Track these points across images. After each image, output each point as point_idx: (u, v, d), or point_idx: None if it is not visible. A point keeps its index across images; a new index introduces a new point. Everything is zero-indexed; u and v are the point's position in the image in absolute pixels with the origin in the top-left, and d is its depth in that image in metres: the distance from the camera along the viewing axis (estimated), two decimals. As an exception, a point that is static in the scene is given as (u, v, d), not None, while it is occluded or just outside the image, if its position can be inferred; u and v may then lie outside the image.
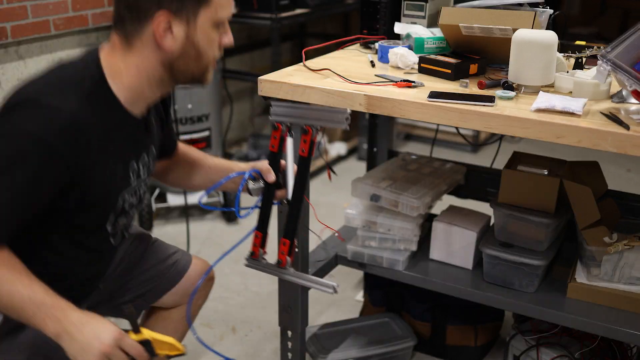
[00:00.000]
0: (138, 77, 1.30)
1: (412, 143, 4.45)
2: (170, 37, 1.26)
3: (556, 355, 1.97)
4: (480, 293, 1.92)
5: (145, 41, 1.27)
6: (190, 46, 1.29)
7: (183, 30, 1.26)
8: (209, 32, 1.29)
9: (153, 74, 1.31)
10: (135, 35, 1.27)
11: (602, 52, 1.44)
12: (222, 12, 1.30)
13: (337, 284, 1.52)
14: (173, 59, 1.29)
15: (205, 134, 3.33)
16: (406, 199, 2.01)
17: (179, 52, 1.28)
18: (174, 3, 1.23)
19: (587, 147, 1.42)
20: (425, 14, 1.97)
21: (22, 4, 2.87)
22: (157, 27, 1.24)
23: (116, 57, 1.30)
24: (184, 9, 1.24)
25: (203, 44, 1.30)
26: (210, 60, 1.34)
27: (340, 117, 1.46)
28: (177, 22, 1.25)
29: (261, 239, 1.64)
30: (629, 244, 1.77)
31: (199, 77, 1.36)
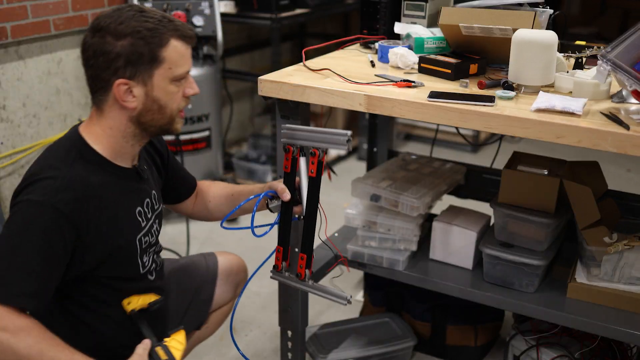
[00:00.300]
0: (113, 136, 1.45)
1: (412, 143, 4.45)
2: (131, 97, 1.40)
3: (556, 355, 1.97)
4: (480, 293, 1.92)
5: (112, 105, 1.42)
6: (152, 102, 1.42)
7: (142, 90, 1.40)
8: (167, 88, 1.42)
9: (125, 130, 1.45)
10: (103, 102, 1.42)
11: (602, 52, 1.44)
12: (177, 70, 1.42)
13: (350, 296, 1.63)
14: (138, 115, 1.43)
15: (206, 134, 3.33)
16: (406, 199, 2.01)
17: (141, 108, 1.42)
18: (128, 70, 1.37)
19: (587, 147, 1.42)
20: (425, 14, 1.97)
21: (22, 4, 2.87)
22: (117, 92, 1.39)
23: (93, 125, 1.45)
24: (138, 73, 1.38)
25: (163, 98, 1.43)
26: (173, 111, 1.46)
27: (342, 139, 1.57)
28: (135, 84, 1.39)
29: (282, 252, 1.74)
30: (629, 244, 1.77)
31: (166, 127, 1.48)
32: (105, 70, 1.37)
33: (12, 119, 2.99)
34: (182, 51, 1.42)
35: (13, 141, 3.01)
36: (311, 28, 4.80)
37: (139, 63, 1.37)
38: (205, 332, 1.94)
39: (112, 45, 1.36)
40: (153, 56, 1.37)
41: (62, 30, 3.08)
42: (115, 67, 1.37)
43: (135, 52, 1.36)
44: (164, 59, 1.39)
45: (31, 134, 3.08)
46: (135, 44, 1.36)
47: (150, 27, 1.37)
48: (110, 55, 1.36)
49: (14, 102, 2.98)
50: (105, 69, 1.37)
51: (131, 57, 1.36)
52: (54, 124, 3.18)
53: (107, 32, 1.36)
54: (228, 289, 1.91)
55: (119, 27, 1.36)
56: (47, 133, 3.16)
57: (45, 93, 3.11)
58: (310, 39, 4.69)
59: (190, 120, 3.26)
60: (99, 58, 1.37)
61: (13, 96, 2.97)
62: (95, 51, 1.37)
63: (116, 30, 1.36)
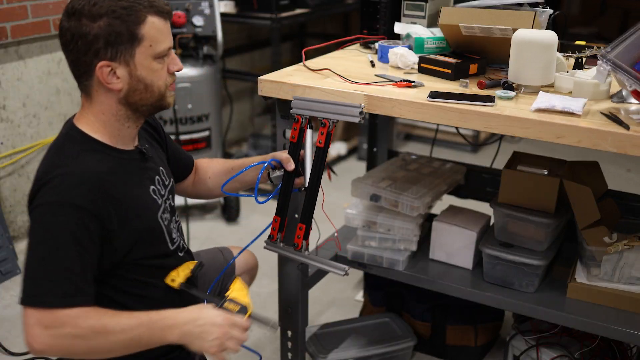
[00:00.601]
0: (108, 121, 1.43)
1: (412, 143, 4.46)
2: (115, 79, 1.38)
3: (556, 355, 1.97)
4: (480, 293, 1.92)
5: (97, 89, 1.40)
6: (137, 82, 1.40)
7: (125, 70, 1.38)
8: (150, 65, 1.40)
9: (117, 113, 1.43)
10: (90, 87, 1.41)
11: (602, 52, 1.44)
12: (158, 46, 1.39)
13: (348, 267, 1.65)
14: (126, 96, 1.41)
15: (205, 134, 3.33)
16: (406, 199, 2.01)
17: (127, 89, 1.40)
18: (109, 51, 1.35)
19: (587, 147, 1.42)
20: (425, 14, 1.97)
21: (22, 4, 2.87)
22: (101, 75, 1.37)
23: (86, 114, 1.44)
24: (119, 53, 1.36)
25: (148, 77, 1.40)
26: (161, 88, 1.44)
27: (355, 111, 1.58)
28: (117, 65, 1.37)
29: (279, 223, 1.75)
30: (628, 244, 1.77)
31: (158, 104, 1.46)
32: (85, 53, 1.35)
33: (12, 119, 2.99)
34: (160, 27, 1.39)
35: (13, 141, 3.01)
36: (311, 28, 4.80)
37: (118, 43, 1.34)
38: None
39: (89, 27, 1.33)
40: (132, 35, 1.35)
41: (62, 30, 3.08)
42: (95, 49, 1.34)
43: (113, 32, 1.33)
44: (143, 37, 1.36)
45: (31, 134, 3.08)
46: (112, 23, 1.33)
47: (125, 5, 1.34)
48: (88, 38, 1.33)
49: (14, 102, 2.98)
50: (85, 52, 1.35)
51: (109, 38, 1.34)
52: (54, 123, 3.18)
53: (82, 15, 1.33)
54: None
55: (94, 9, 1.33)
56: (47, 133, 3.16)
57: (45, 93, 3.11)
58: (310, 39, 4.69)
59: (190, 120, 3.26)
60: (78, 42, 1.35)
61: (13, 96, 2.97)
62: (73, 35, 1.34)
63: (91, 12, 1.33)
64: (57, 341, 1.28)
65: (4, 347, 2.37)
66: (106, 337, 1.30)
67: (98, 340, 1.30)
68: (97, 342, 1.30)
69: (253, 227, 3.32)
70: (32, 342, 1.28)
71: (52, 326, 1.28)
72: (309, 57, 1.91)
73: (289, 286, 1.99)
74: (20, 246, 3.08)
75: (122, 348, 1.33)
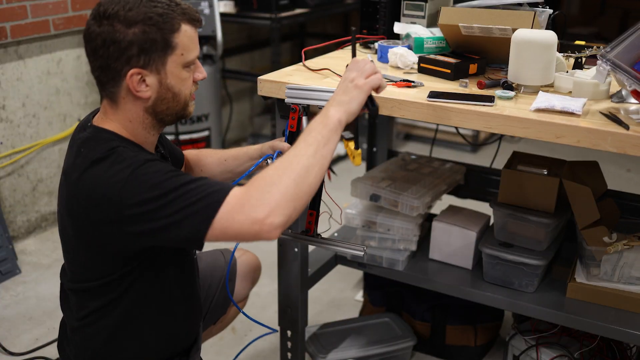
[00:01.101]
0: (135, 128, 1.39)
1: (412, 143, 4.45)
2: (144, 87, 1.34)
3: (556, 355, 1.97)
4: (480, 293, 1.92)
5: (125, 96, 1.36)
6: (165, 90, 1.36)
7: (155, 79, 1.34)
8: (179, 73, 1.37)
9: (143, 121, 1.39)
10: (116, 94, 1.36)
11: (602, 52, 1.44)
12: (189, 55, 1.37)
13: (365, 247, 1.66)
14: (153, 105, 1.37)
15: (205, 134, 3.33)
16: (406, 199, 2.01)
17: (155, 98, 1.36)
18: (142, 58, 1.31)
19: (587, 147, 1.42)
20: (425, 14, 1.97)
21: (21, 4, 2.87)
22: (131, 82, 1.32)
23: (109, 120, 1.39)
24: (152, 61, 1.32)
25: (177, 86, 1.37)
26: (187, 96, 1.41)
27: None
28: (148, 73, 1.33)
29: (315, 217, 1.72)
30: (628, 243, 1.77)
31: (181, 113, 1.43)
32: (116, 60, 1.30)
33: (12, 119, 2.98)
34: (192, 35, 1.36)
35: (13, 141, 3.01)
36: (311, 28, 4.80)
37: (152, 51, 1.31)
38: (219, 327, 1.96)
39: (123, 34, 1.28)
40: (166, 43, 1.31)
41: (61, 30, 3.08)
42: (128, 56, 1.30)
43: (148, 40, 1.29)
44: (176, 45, 1.33)
45: (31, 134, 3.08)
46: (148, 31, 1.29)
47: (161, 12, 1.30)
48: (122, 44, 1.29)
49: (14, 102, 2.98)
50: (116, 58, 1.30)
51: (144, 45, 1.29)
52: (54, 123, 3.18)
53: (116, 19, 1.28)
54: (246, 285, 1.93)
55: (129, 14, 1.28)
56: (46, 133, 3.16)
57: (44, 93, 3.11)
58: (310, 38, 4.69)
59: (190, 120, 3.26)
60: (109, 47, 1.29)
61: (13, 96, 2.97)
62: (105, 40, 1.29)
63: (126, 17, 1.28)
64: (265, 200, 1.20)
65: (4, 347, 2.37)
66: (290, 165, 1.25)
67: (287, 172, 1.24)
68: (288, 172, 1.24)
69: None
70: (269, 230, 1.20)
71: (247, 203, 1.21)
72: (308, 57, 1.90)
73: (289, 286, 1.99)
74: (20, 246, 3.08)
75: (311, 158, 1.27)
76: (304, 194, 1.24)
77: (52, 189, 3.25)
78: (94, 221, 1.28)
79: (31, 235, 3.18)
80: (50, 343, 2.40)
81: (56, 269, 2.91)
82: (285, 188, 1.21)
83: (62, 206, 1.37)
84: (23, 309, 2.62)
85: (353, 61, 1.41)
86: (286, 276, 1.98)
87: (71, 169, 1.32)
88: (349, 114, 1.33)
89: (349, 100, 1.34)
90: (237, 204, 1.21)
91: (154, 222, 1.23)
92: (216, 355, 2.36)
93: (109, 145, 1.31)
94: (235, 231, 1.21)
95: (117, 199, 1.24)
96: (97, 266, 1.37)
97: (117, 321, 1.42)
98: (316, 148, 1.28)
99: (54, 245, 3.11)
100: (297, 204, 1.23)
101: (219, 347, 2.40)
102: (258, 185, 1.22)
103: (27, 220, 3.15)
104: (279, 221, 1.20)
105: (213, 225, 1.21)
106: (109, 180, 1.25)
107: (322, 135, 1.29)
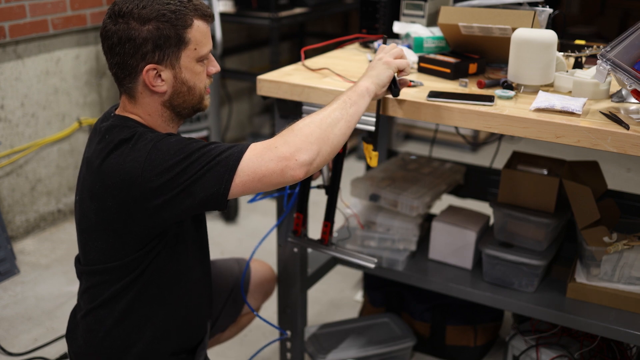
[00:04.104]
0: (154, 122, 1.45)
1: (412, 143, 4.45)
2: (160, 82, 1.40)
3: (556, 355, 1.97)
4: (479, 293, 1.92)
5: (143, 91, 1.41)
6: (180, 84, 1.42)
7: (170, 73, 1.40)
8: (193, 68, 1.42)
9: (162, 114, 1.45)
10: (134, 90, 1.41)
11: (602, 51, 1.43)
12: (202, 49, 1.42)
13: (376, 259, 1.78)
14: (170, 98, 1.43)
15: (204, 134, 3.33)
16: (405, 199, 2.01)
17: (171, 92, 1.42)
18: (156, 54, 1.37)
19: (587, 147, 1.42)
20: (425, 14, 1.97)
21: (20, 3, 2.86)
22: (147, 78, 1.38)
23: (129, 114, 1.44)
24: (166, 57, 1.38)
25: (191, 79, 1.43)
26: (201, 90, 1.46)
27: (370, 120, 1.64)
28: (163, 68, 1.38)
29: (302, 219, 1.83)
30: (628, 243, 1.77)
31: (197, 106, 1.48)
32: (132, 56, 1.36)
33: (11, 119, 2.98)
34: (204, 30, 1.41)
35: (11, 141, 3.00)
36: (310, 27, 4.80)
37: (166, 46, 1.36)
38: (228, 335, 1.96)
39: (138, 31, 1.34)
40: (179, 38, 1.37)
41: (60, 29, 3.07)
42: (143, 52, 1.35)
43: (162, 36, 1.35)
44: (189, 40, 1.38)
45: (29, 134, 3.08)
46: (162, 27, 1.34)
47: (173, 9, 1.36)
48: (137, 41, 1.34)
49: (12, 101, 2.97)
50: (132, 55, 1.36)
51: (158, 41, 1.35)
52: (52, 123, 3.18)
53: (130, 17, 1.34)
54: (258, 296, 1.94)
55: (143, 12, 1.34)
56: (45, 133, 3.15)
57: (43, 92, 3.11)
58: (309, 38, 4.68)
59: (189, 119, 3.25)
60: (125, 45, 1.35)
61: (11, 96, 2.96)
62: (121, 38, 1.35)
63: (140, 15, 1.34)
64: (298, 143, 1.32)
65: (3, 347, 2.37)
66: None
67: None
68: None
69: (252, 227, 3.31)
70: (294, 166, 1.31)
71: (274, 144, 1.32)
72: (308, 57, 1.90)
73: (288, 286, 1.98)
74: (19, 246, 3.07)
75: (336, 111, 1.39)
76: (329, 141, 1.36)
77: (51, 189, 3.25)
78: (118, 202, 1.33)
79: (30, 235, 3.18)
80: (50, 343, 2.39)
81: (55, 269, 2.90)
82: (310, 131, 1.34)
83: (84, 193, 1.41)
84: (22, 309, 2.62)
85: (382, 46, 1.56)
86: (286, 276, 1.98)
87: (94, 156, 1.37)
88: (377, 85, 1.47)
89: (377, 73, 1.48)
90: (264, 147, 1.32)
91: (179, 186, 1.30)
92: (216, 356, 2.36)
93: (133, 130, 1.37)
94: (262, 172, 1.31)
95: (140, 172, 1.30)
96: (116, 250, 1.41)
97: (131, 303, 1.45)
98: (343, 105, 1.41)
99: (52, 245, 3.11)
100: (322, 147, 1.34)
101: (218, 347, 2.39)
102: (285, 132, 1.35)
103: (25, 220, 3.15)
104: (304, 158, 1.31)
105: (239, 171, 1.30)
106: (131, 158, 1.32)
107: (349, 97, 1.42)
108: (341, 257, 1.79)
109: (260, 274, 1.94)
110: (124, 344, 1.46)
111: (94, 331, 1.47)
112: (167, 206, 1.31)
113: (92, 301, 1.46)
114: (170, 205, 1.31)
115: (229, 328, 1.93)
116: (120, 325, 1.46)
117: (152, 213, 1.32)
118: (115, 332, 1.46)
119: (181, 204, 1.31)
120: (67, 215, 3.37)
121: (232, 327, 1.94)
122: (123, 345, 1.46)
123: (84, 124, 3.32)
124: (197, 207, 1.34)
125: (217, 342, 1.96)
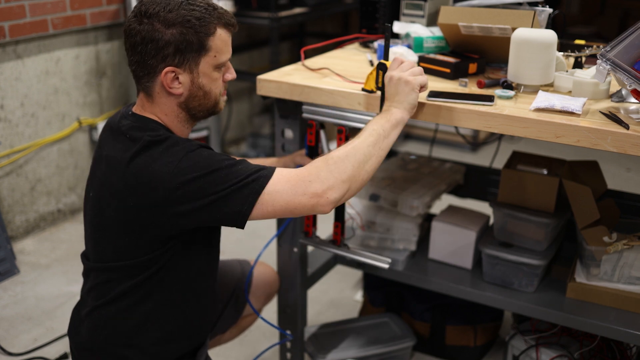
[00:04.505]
0: (171, 122, 1.47)
1: (411, 143, 4.45)
2: (177, 84, 1.42)
3: (555, 355, 1.97)
4: (479, 293, 1.92)
5: (160, 91, 1.43)
6: (197, 89, 1.44)
7: (188, 77, 1.42)
8: (211, 74, 1.45)
9: (177, 115, 1.47)
10: (151, 89, 1.44)
11: (602, 51, 1.43)
12: (221, 57, 1.44)
13: (390, 259, 1.78)
14: (186, 101, 1.45)
15: (204, 134, 3.33)
16: (405, 199, 2.01)
17: (187, 95, 1.44)
18: (177, 57, 1.39)
19: (587, 147, 1.42)
20: (425, 13, 1.97)
21: (20, 3, 2.86)
22: (164, 79, 1.41)
23: (147, 113, 1.46)
24: (186, 61, 1.40)
25: (207, 85, 1.45)
26: (217, 95, 1.49)
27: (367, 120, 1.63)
28: (182, 72, 1.41)
29: (312, 219, 1.84)
30: (628, 243, 1.77)
31: (212, 109, 1.51)
32: (153, 57, 1.38)
33: (10, 119, 2.98)
34: (226, 39, 1.44)
35: (11, 141, 3.00)
36: (310, 27, 4.80)
37: (187, 51, 1.39)
38: (229, 336, 1.96)
39: (162, 33, 1.36)
40: (201, 45, 1.39)
41: (60, 29, 3.07)
42: (164, 54, 1.38)
43: (185, 41, 1.37)
44: (210, 48, 1.41)
45: (29, 134, 3.08)
46: (185, 32, 1.37)
47: (198, 15, 1.38)
48: (159, 43, 1.37)
49: (12, 101, 2.97)
50: (153, 55, 1.38)
51: (180, 46, 1.37)
52: (52, 123, 3.18)
53: (156, 19, 1.36)
54: (260, 299, 1.94)
55: (169, 15, 1.36)
56: (45, 132, 3.15)
57: (43, 92, 3.11)
58: (309, 38, 4.68)
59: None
60: (148, 45, 1.37)
61: (11, 95, 2.96)
62: (144, 38, 1.37)
63: (166, 18, 1.36)
64: (329, 175, 1.37)
65: (2, 347, 2.37)
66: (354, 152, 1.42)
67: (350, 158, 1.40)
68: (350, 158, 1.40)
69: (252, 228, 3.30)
70: (325, 203, 1.36)
71: (307, 178, 1.36)
72: (308, 57, 1.90)
73: (288, 286, 1.98)
74: (19, 246, 3.07)
75: (371, 147, 1.44)
76: (360, 178, 1.41)
77: (51, 189, 3.25)
78: (141, 202, 1.35)
79: (30, 235, 3.18)
80: (49, 343, 2.39)
81: (55, 269, 2.90)
82: (344, 168, 1.38)
83: (103, 191, 1.41)
84: (22, 309, 2.62)
85: (396, 60, 1.54)
86: (286, 276, 1.98)
87: (118, 154, 1.38)
88: (410, 112, 1.51)
89: (406, 99, 1.50)
90: (297, 179, 1.36)
91: (203, 199, 1.33)
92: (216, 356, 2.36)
93: (160, 133, 1.40)
94: (294, 205, 1.36)
95: (168, 176, 1.32)
96: (130, 249, 1.42)
97: (139, 302, 1.45)
98: (377, 140, 1.45)
99: (52, 245, 3.11)
100: (352, 186, 1.40)
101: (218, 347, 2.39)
102: (320, 164, 1.39)
103: (25, 220, 3.15)
104: (335, 197, 1.37)
105: (265, 195, 1.34)
106: (162, 161, 1.34)
107: (383, 129, 1.47)
108: (355, 257, 1.80)
109: (264, 277, 1.94)
110: (129, 341, 1.47)
111: (99, 327, 1.47)
112: (187, 215, 1.34)
113: (100, 298, 1.47)
114: (190, 215, 1.34)
115: (230, 330, 1.93)
116: (126, 323, 1.46)
117: (171, 218, 1.35)
118: (121, 329, 1.46)
119: (201, 215, 1.34)
120: (67, 215, 3.37)
121: (233, 329, 1.94)
122: (127, 342, 1.47)
123: (83, 124, 3.32)
124: (216, 222, 1.38)
125: (218, 343, 1.96)
